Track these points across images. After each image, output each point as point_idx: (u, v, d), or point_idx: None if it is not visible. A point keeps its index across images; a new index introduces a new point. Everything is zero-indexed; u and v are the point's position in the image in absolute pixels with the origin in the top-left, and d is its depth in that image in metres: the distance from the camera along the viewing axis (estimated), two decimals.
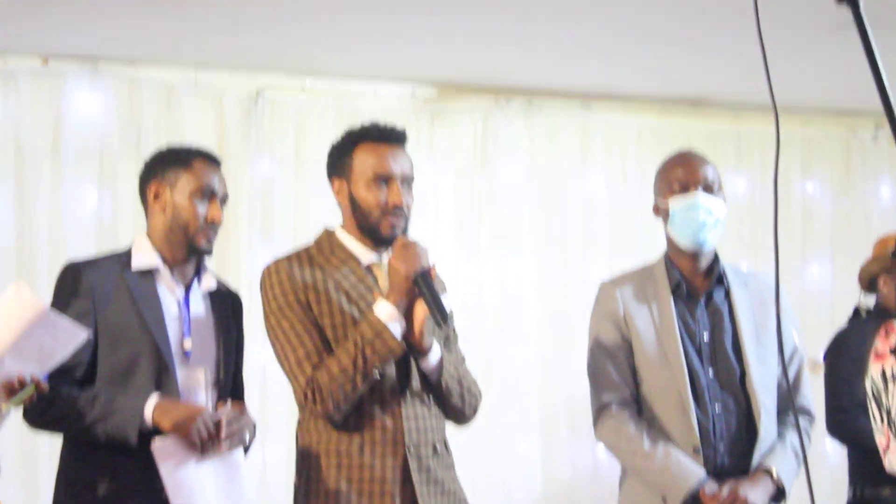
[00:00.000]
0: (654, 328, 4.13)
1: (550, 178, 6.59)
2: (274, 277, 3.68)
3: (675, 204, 4.12)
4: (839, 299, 6.96)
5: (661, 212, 4.20)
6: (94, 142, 5.75)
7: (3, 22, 5.33)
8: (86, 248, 5.38)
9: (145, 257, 3.74)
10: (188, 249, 3.75)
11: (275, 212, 6.05)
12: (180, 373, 3.66)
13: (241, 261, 5.89)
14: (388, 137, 3.75)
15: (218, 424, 3.54)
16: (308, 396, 3.56)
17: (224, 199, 3.81)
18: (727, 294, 4.20)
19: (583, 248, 6.58)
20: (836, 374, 5.33)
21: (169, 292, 3.74)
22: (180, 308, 3.75)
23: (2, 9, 5.17)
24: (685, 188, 4.12)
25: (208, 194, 3.74)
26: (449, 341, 3.86)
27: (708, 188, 4.12)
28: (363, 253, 3.74)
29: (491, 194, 6.42)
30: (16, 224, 5.58)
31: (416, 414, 3.67)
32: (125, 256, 3.76)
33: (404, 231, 3.71)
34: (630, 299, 4.19)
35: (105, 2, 5.14)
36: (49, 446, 4.89)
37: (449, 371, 3.72)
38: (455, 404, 3.79)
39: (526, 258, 6.45)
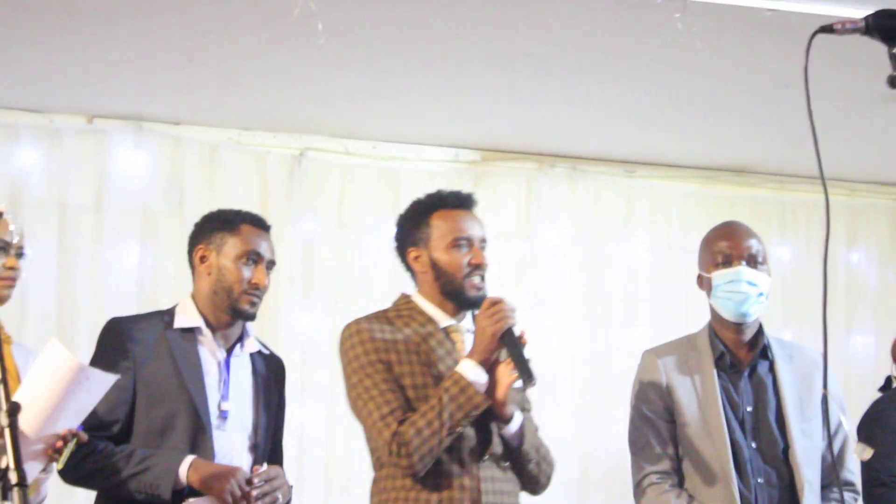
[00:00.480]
0: (697, 399, 4.09)
1: (593, 244, 6.57)
2: (356, 337, 3.75)
3: (719, 277, 4.10)
4: (883, 371, 6.88)
5: (704, 283, 4.18)
6: (137, 199, 5.78)
7: (50, 82, 5.40)
8: (126, 305, 5.43)
9: (188, 318, 3.76)
10: (231, 313, 3.76)
11: (315, 272, 6.04)
12: (217, 435, 3.65)
13: (280, 321, 5.90)
14: (462, 203, 3.89)
15: (250, 484, 3.54)
16: (393, 451, 3.59)
17: (271, 265, 3.82)
18: (771, 366, 4.16)
19: (624, 314, 6.53)
20: (872, 447, 5.25)
21: (210, 354, 3.75)
22: (220, 370, 3.75)
23: (49, 68, 5.24)
24: (728, 261, 4.10)
25: (254, 259, 3.75)
26: (524, 409, 3.91)
27: (752, 261, 4.09)
28: (441, 317, 3.82)
29: (533, 258, 6.40)
30: (58, 280, 5.61)
31: (493, 476, 3.71)
32: (168, 316, 3.77)
33: (485, 290, 3.81)
34: (673, 370, 4.16)
35: (150, 63, 5.20)
36: (85, 502, 4.86)
37: (529, 438, 3.78)
38: (531, 471, 3.83)
39: (567, 323, 6.41)
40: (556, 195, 6.49)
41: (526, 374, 3.59)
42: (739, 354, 4.16)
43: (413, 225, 3.88)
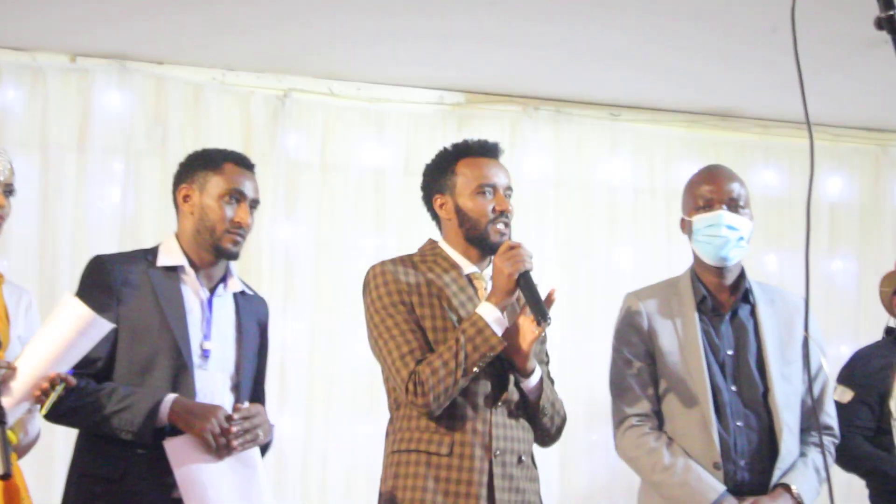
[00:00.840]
0: (678, 342, 4.11)
1: (577, 187, 6.56)
2: (380, 278, 3.83)
3: (699, 221, 4.12)
4: (864, 296, 6.92)
5: (686, 227, 4.19)
6: (119, 139, 5.75)
7: (33, 19, 5.35)
8: (109, 244, 5.42)
9: (172, 256, 3.75)
10: (214, 252, 3.75)
11: (298, 212, 6.03)
12: (198, 374, 3.65)
13: (262, 265, 5.88)
14: (487, 151, 3.94)
15: (230, 421, 3.55)
16: (410, 389, 3.66)
17: (255, 204, 3.81)
18: (753, 310, 4.17)
19: (608, 256, 6.54)
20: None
21: (193, 293, 3.74)
22: (203, 309, 3.74)
23: (32, 6, 5.20)
24: (709, 205, 4.11)
25: (237, 197, 3.74)
26: (543, 362, 4.00)
27: (733, 205, 4.09)
28: (465, 264, 3.89)
29: (517, 201, 6.32)
30: (40, 219, 5.59)
31: (506, 423, 3.78)
32: (151, 254, 3.76)
33: (509, 237, 3.85)
34: (654, 313, 4.18)
35: (134, 1, 5.15)
36: (65, 439, 4.87)
37: (546, 393, 3.87)
38: (544, 424, 3.91)
39: (550, 266, 6.41)
40: (540, 138, 6.47)
41: (540, 313, 3.64)
42: (721, 298, 4.17)
43: (439, 172, 3.93)
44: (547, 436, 3.97)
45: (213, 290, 3.79)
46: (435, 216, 3.99)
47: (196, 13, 5.27)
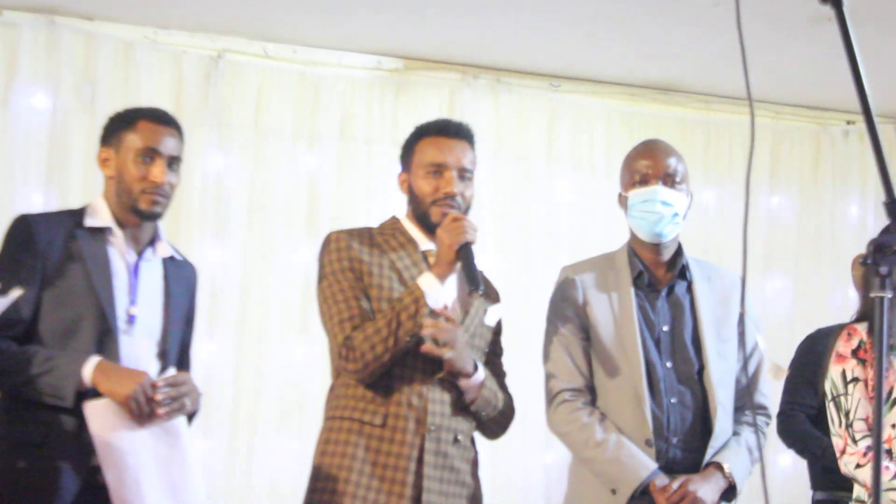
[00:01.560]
0: (613, 317, 4.08)
1: (515, 158, 6.53)
2: (333, 244, 3.85)
3: (634, 196, 4.08)
4: (800, 304, 6.95)
5: (623, 202, 4.15)
6: (47, 96, 5.61)
7: None
8: (35, 203, 5.33)
9: (99, 217, 3.65)
10: (135, 214, 3.64)
11: (231, 176, 5.94)
12: (123, 339, 3.56)
13: (192, 226, 5.79)
14: (447, 131, 3.95)
15: (155, 388, 3.45)
16: (342, 354, 3.71)
17: (174, 161, 3.69)
18: (689, 287, 4.15)
19: (546, 230, 6.51)
20: (797, 374, 5.36)
21: (119, 256, 3.64)
22: (129, 273, 3.64)
23: None
24: (645, 180, 4.08)
25: (150, 155, 3.62)
26: (496, 354, 4.07)
27: (668, 181, 4.06)
28: (423, 240, 3.91)
29: None
30: None
31: (444, 399, 3.79)
32: (78, 215, 3.66)
33: None
34: (590, 286, 4.14)
35: None
36: None
37: (484, 400, 3.88)
38: (486, 423, 3.97)
39: (487, 238, 6.35)
40: (479, 107, 6.42)
41: (472, 282, 3.70)
42: (658, 274, 4.14)
43: (405, 150, 3.97)
44: (489, 433, 4.03)
45: (140, 254, 3.69)
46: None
47: None
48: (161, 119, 3.70)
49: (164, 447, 3.50)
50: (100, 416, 3.41)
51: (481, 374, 3.84)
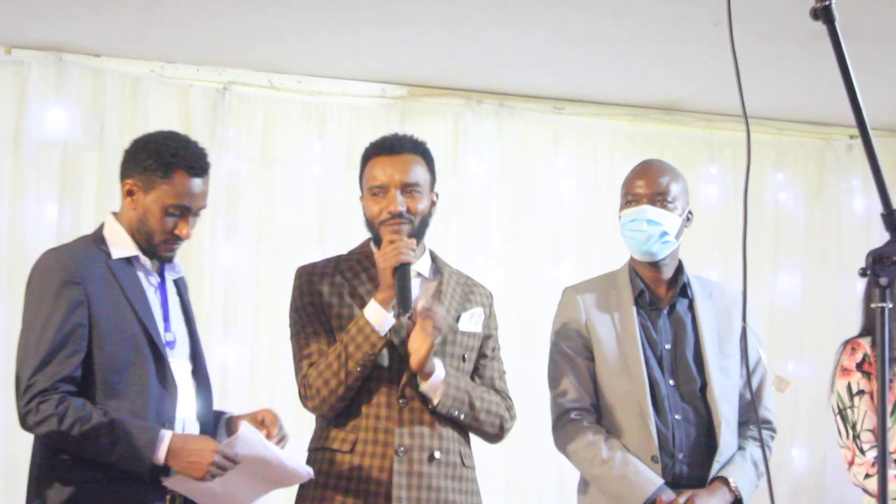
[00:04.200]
0: (616, 336, 4.11)
1: (520, 181, 6.55)
2: (296, 280, 3.89)
3: (625, 216, 4.15)
4: (809, 309, 6.96)
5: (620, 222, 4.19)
6: (56, 133, 5.66)
7: None
8: (46, 238, 5.33)
9: (124, 247, 3.59)
10: (150, 254, 3.63)
11: (239, 208, 5.97)
12: (171, 363, 3.56)
13: (204, 256, 5.83)
14: (387, 149, 3.87)
15: (231, 460, 3.43)
16: (301, 393, 3.77)
17: (199, 211, 3.66)
18: (691, 304, 4.18)
19: (551, 251, 6.53)
20: None
21: (148, 282, 3.63)
22: (160, 298, 3.65)
23: None
24: (635, 200, 4.11)
25: (181, 210, 3.58)
26: (486, 356, 4.03)
27: (658, 200, 4.08)
28: None
29: (460, 195, 6.35)
30: None
31: (412, 419, 3.75)
32: (101, 243, 3.60)
33: (418, 235, 3.83)
34: (592, 306, 4.18)
35: None
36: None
37: (449, 400, 3.79)
38: (471, 425, 3.90)
39: (494, 260, 6.39)
40: (483, 132, 6.45)
41: (402, 305, 3.64)
42: (659, 292, 4.17)
43: (360, 173, 3.92)
44: (483, 435, 3.97)
45: (160, 274, 3.68)
46: None
47: (134, 5, 5.21)
48: (197, 171, 3.64)
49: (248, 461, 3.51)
50: (183, 486, 3.45)
51: (441, 373, 3.75)
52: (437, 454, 3.75)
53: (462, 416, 3.83)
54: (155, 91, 5.85)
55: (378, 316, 3.66)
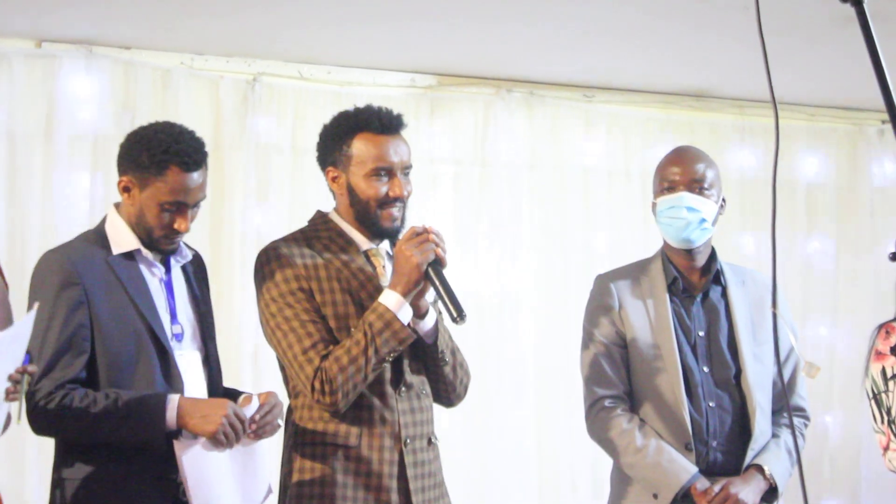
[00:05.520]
0: (650, 324, 4.11)
1: (551, 169, 6.53)
2: (275, 263, 3.63)
3: (662, 203, 4.14)
4: (843, 274, 6.95)
5: (654, 209, 4.17)
6: (87, 126, 5.66)
7: None
8: (78, 231, 5.29)
9: (125, 241, 3.59)
10: (152, 248, 3.61)
11: (270, 197, 5.97)
12: (177, 358, 3.56)
13: (234, 247, 5.83)
14: (386, 128, 3.69)
15: (243, 422, 3.45)
16: (316, 388, 3.49)
17: (198, 203, 3.62)
18: (724, 292, 4.18)
19: (583, 239, 6.52)
20: None
21: (150, 274, 3.61)
22: (165, 291, 3.64)
23: None
24: (673, 187, 4.11)
25: (177, 206, 3.55)
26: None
27: (696, 187, 4.08)
28: (361, 240, 3.71)
29: (490, 184, 6.35)
30: (6, 209, 5.50)
31: (412, 407, 3.66)
32: (102, 239, 3.60)
33: (402, 220, 3.69)
34: (626, 294, 4.17)
35: None
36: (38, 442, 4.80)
37: (444, 338, 3.71)
38: (447, 376, 3.75)
39: (525, 249, 6.39)
40: (513, 120, 6.43)
41: (457, 309, 3.44)
42: (692, 279, 4.17)
43: (335, 143, 3.71)
44: (452, 391, 3.80)
45: (165, 264, 3.66)
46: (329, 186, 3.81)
47: None
48: (191, 165, 3.56)
49: (241, 466, 3.54)
50: (191, 458, 3.42)
51: (433, 313, 3.67)
52: (432, 438, 3.72)
53: (447, 366, 3.73)
54: (185, 83, 5.84)
55: (403, 309, 3.51)
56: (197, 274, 3.81)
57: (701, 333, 4.12)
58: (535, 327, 6.35)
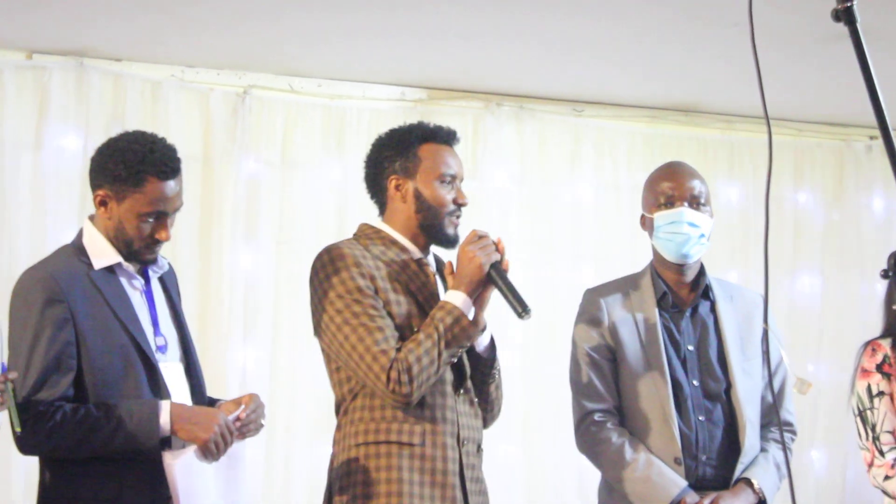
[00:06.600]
0: (639, 338, 4.11)
1: (540, 183, 6.54)
2: (340, 262, 3.66)
3: (661, 218, 4.11)
4: (828, 311, 6.95)
5: (647, 224, 4.19)
6: (77, 137, 5.67)
7: None
8: (67, 241, 5.32)
9: (106, 256, 3.54)
10: (133, 259, 3.58)
11: (259, 212, 5.99)
12: (162, 370, 3.53)
13: (223, 261, 5.84)
14: (450, 139, 3.84)
15: (232, 433, 3.46)
16: (393, 378, 3.52)
17: (177, 210, 3.59)
18: (713, 306, 4.19)
19: (571, 253, 6.53)
20: None
21: (131, 287, 3.58)
22: (146, 303, 3.61)
23: None
24: (671, 202, 4.11)
25: (157, 216, 3.52)
26: None
27: (694, 202, 4.10)
28: (413, 249, 3.79)
29: (480, 198, 6.34)
30: None
31: (467, 411, 3.73)
32: (81, 254, 3.54)
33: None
34: (615, 308, 4.18)
35: None
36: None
37: (496, 353, 3.83)
38: (491, 394, 3.84)
39: (513, 262, 6.35)
40: (502, 134, 6.45)
41: (521, 305, 3.58)
42: (681, 294, 4.18)
43: (398, 152, 3.80)
44: (491, 410, 3.87)
45: (144, 275, 3.63)
46: (376, 195, 3.87)
47: (154, 10, 5.21)
48: (168, 174, 3.53)
49: (225, 472, 3.53)
50: (183, 467, 3.41)
51: (489, 331, 3.77)
52: (480, 446, 3.78)
53: (493, 384, 3.83)
54: (175, 95, 5.85)
55: (468, 307, 3.60)
56: (172, 284, 3.79)
57: (690, 348, 4.13)
58: (524, 341, 6.34)
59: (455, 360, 3.65)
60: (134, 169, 3.47)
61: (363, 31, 5.53)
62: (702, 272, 4.21)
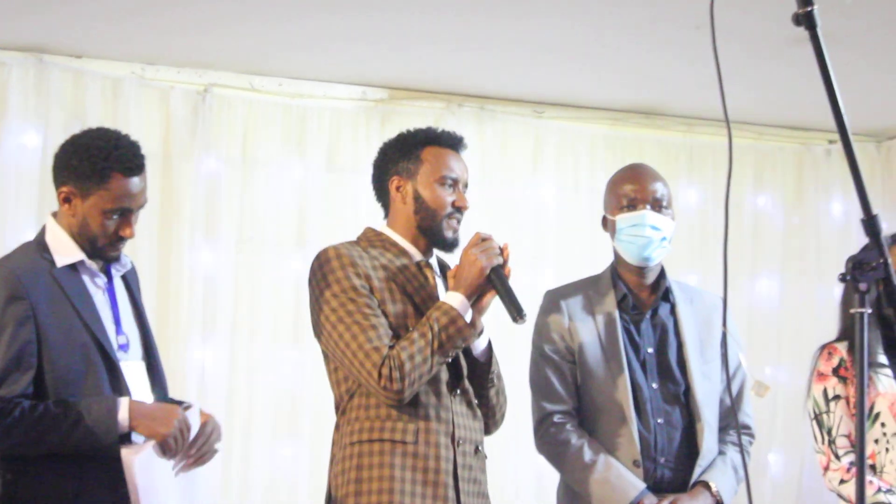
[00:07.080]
0: (599, 340, 4.12)
1: (501, 185, 6.53)
2: (336, 262, 3.69)
3: (623, 221, 4.12)
4: (787, 314, 6.98)
5: (609, 226, 4.19)
6: (37, 134, 5.63)
7: None
8: (27, 239, 5.29)
9: (69, 253, 3.53)
10: (97, 256, 3.58)
11: (219, 210, 5.96)
12: (123, 369, 3.52)
13: (183, 259, 5.82)
14: (454, 144, 3.90)
15: (189, 430, 3.47)
16: (384, 374, 3.54)
17: (142, 207, 3.58)
18: (673, 309, 4.20)
19: (532, 255, 6.52)
20: None
21: (93, 285, 3.57)
22: (108, 301, 3.60)
23: None
24: (633, 205, 4.12)
25: (122, 212, 3.51)
26: None
27: (656, 205, 4.10)
28: (414, 251, 3.82)
29: None
30: None
31: (464, 412, 3.75)
32: (44, 251, 3.53)
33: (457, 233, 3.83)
34: (575, 310, 4.19)
35: None
36: None
37: (495, 360, 3.86)
38: (491, 399, 3.87)
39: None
40: (463, 134, 6.39)
41: (516, 309, 3.63)
42: (642, 296, 4.19)
43: (401, 154, 3.85)
44: (493, 416, 3.91)
45: (107, 273, 3.62)
46: (380, 197, 3.91)
47: (115, 6, 5.18)
48: (133, 171, 3.53)
49: (184, 477, 3.54)
50: (142, 463, 3.39)
51: (487, 334, 3.82)
52: (479, 447, 3.78)
53: (493, 389, 3.86)
54: (136, 93, 5.83)
55: (465, 308, 3.63)
56: (134, 283, 3.78)
57: (650, 350, 4.13)
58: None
59: (449, 360, 3.65)
60: (99, 165, 3.47)
61: (324, 31, 5.52)
62: (662, 275, 4.22)
